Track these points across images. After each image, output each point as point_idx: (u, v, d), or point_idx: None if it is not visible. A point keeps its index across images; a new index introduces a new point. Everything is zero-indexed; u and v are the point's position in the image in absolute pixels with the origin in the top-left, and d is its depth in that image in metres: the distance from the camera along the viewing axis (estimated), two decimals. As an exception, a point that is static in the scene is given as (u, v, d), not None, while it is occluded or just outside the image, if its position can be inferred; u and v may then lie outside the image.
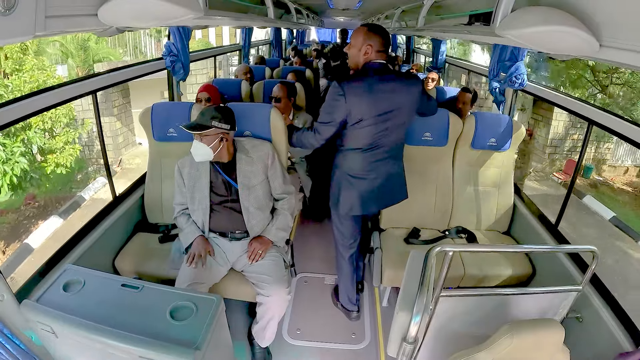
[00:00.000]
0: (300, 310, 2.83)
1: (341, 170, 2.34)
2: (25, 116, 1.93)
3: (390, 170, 2.35)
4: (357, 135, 2.20)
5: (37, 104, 2.00)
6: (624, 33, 1.13)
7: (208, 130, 2.10)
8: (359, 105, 2.10)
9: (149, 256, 2.52)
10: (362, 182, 2.31)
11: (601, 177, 13.79)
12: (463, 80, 12.38)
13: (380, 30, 2.14)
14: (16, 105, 1.87)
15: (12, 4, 0.85)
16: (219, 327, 1.56)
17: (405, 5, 4.68)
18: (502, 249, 1.90)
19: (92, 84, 2.46)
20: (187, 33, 3.29)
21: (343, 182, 2.34)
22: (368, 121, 2.14)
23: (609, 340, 1.89)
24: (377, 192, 2.36)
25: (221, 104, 2.26)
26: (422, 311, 1.53)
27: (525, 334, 1.32)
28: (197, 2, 1.57)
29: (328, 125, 2.20)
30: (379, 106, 2.13)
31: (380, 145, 2.24)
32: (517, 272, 2.60)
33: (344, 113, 2.12)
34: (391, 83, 2.14)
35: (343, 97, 2.08)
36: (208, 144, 2.12)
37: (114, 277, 1.70)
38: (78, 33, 11.81)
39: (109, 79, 2.61)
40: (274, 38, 7.94)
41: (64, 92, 2.23)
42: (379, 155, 2.27)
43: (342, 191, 2.35)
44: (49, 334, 1.48)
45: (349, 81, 2.11)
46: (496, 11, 1.57)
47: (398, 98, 2.16)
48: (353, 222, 2.52)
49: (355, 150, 2.26)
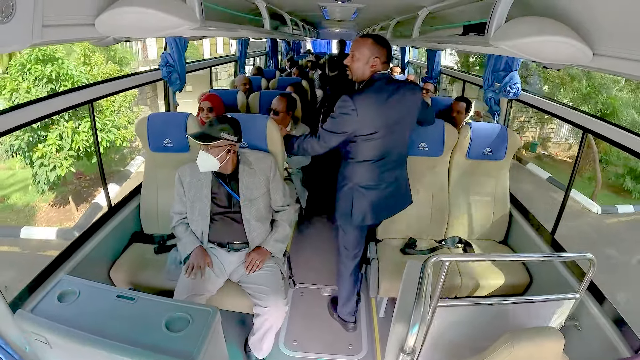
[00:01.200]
0: (297, 322, 2.82)
1: (352, 182, 2.32)
2: (23, 124, 1.94)
3: (398, 177, 2.38)
4: (368, 147, 2.20)
5: (32, 113, 2.00)
6: (617, 42, 1.14)
7: (217, 141, 2.08)
8: (371, 119, 2.11)
9: (145, 267, 2.50)
10: (374, 192, 2.32)
11: (546, 152, 16.90)
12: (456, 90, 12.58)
13: (385, 41, 2.15)
14: (13, 113, 1.87)
15: (9, 12, 0.85)
16: (215, 338, 1.55)
17: (401, 17, 4.72)
18: (498, 258, 1.90)
19: (89, 94, 2.46)
20: (184, 44, 3.30)
21: (355, 193, 2.33)
22: (380, 132, 2.15)
23: (608, 347, 1.89)
24: (388, 200, 2.38)
25: (226, 114, 2.25)
26: (419, 321, 1.52)
27: (524, 343, 1.31)
28: (194, 13, 1.58)
29: (334, 135, 2.19)
30: (390, 117, 2.15)
31: (389, 154, 2.26)
32: (514, 281, 2.60)
33: (355, 127, 2.13)
34: (397, 92, 2.16)
35: (355, 112, 2.08)
36: (215, 155, 2.11)
37: (109, 288, 1.68)
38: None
39: (105, 89, 2.61)
40: (270, 49, 7.97)
41: (61, 100, 2.24)
42: (388, 164, 2.29)
43: (354, 202, 2.34)
44: (43, 345, 1.46)
45: (359, 94, 2.10)
46: (490, 22, 1.58)
47: (404, 106, 2.19)
48: (360, 232, 2.52)
49: (366, 162, 2.26)
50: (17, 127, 1.91)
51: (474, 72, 12.18)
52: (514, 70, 3.14)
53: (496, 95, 3.37)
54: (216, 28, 2.29)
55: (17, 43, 0.96)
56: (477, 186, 2.97)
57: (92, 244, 2.42)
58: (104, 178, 2.81)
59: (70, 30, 1.21)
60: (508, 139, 2.85)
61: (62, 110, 2.26)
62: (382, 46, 2.12)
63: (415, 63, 8.85)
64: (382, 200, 2.35)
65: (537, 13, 1.43)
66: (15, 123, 1.89)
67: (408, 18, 4.39)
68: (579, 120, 2.50)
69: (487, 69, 3.44)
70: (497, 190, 2.97)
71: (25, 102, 2.02)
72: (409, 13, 4.12)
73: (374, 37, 2.14)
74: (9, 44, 0.93)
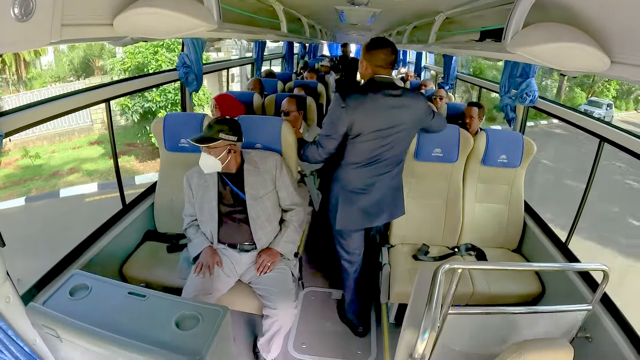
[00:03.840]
0: (306, 325, 2.81)
1: (340, 184, 2.35)
2: (38, 121, 1.97)
3: (389, 185, 2.36)
4: (356, 149, 2.22)
5: (48, 110, 2.04)
6: (636, 49, 1.12)
7: (216, 142, 2.11)
8: (358, 118, 2.13)
9: (157, 265, 2.53)
10: (361, 197, 2.32)
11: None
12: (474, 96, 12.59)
13: (381, 45, 2.16)
14: (29, 111, 1.91)
15: (29, 10, 0.87)
16: (224, 338, 1.55)
17: (417, 21, 4.71)
18: (511, 267, 1.88)
19: (105, 93, 2.50)
20: (201, 45, 3.33)
21: (341, 196, 2.35)
22: (368, 135, 2.17)
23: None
24: (375, 208, 2.37)
25: (227, 117, 2.28)
26: (429, 328, 1.51)
27: (533, 354, 1.30)
28: (211, 15, 1.60)
29: (329, 139, 2.22)
30: (380, 121, 2.15)
31: (380, 160, 2.26)
32: (526, 290, 2.57)
33: (345, 125, 2.15)
34: (394, 99, 2.15)
35: (344, 109, 2.11)
36: (216, 156, 2.14)
37: (121, 284, 1.70)
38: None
39: (121, 89, 2.64)
40: (286, 52, 8.01)
41: (81, 98, 2.28)
42: (378, 170, 2.29)
43: (339, 206, 2.35)
44: (53, 338, 1.48)
45: (350, 94, 2.14)
46: (507, 28, 1.57)
47: (400, 114, 2.18)
48: (356, 236, 2.52)
49: (354, 164, 2.27)
50: (38, 122, 1.95)
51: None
52: (530, 77, 3.10)
53: (513, 102, 3.34)
54: (233, 30, 2.31)
55: (36, 41, 0.98)
56: (491, 193, 2.94)
57: (106, 240, 2.45)
58: (119, 176, 2.84)
59: (89, 30, 1.23)
60: (524, 146, 2.81)
61: (81, 107, 2.30)
62: (376, 49, 2.15)
63: (431, 68, 8.81)
64: (369, 206, 2.35)
65: (554, 20, 1.42)
66: (36, 119, 1.93)
67: (425, 23, 4.38)
68: (595, 128, 2.46)
69: (503, 75, 3.41)
70: (512, 198, 2.93)
71: (46, 99, 2.06)
72: (426, 18, 4.10)
73: (371, 41, 2.18)
74: (28, 42, 0.95)
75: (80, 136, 15.81)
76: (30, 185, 12.81)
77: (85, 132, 16.00)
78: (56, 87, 16.49)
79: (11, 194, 12.19)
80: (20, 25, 0.87)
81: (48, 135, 14.98)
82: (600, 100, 22.29)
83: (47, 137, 14.98)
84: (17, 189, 12.49)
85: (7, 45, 0.91)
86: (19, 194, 12.10)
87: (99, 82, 4.50)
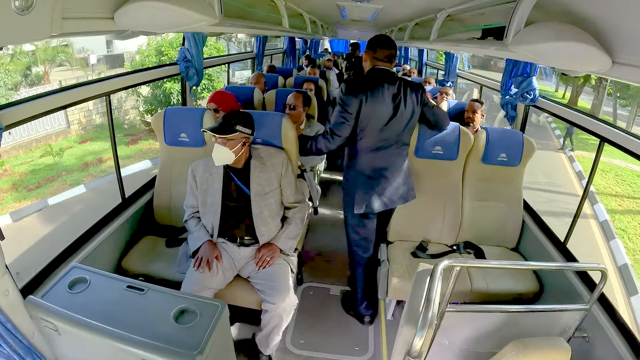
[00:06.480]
0: (305, 321, 2.82)
1: (355, 171, 2.46)
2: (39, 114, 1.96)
3: (401, 168, 2.49)
4: (367, 133, 2.35)
5: (48, 104, 2.02)
6: (638, 51, 1.12)
7: (233, 134, 2.11)
8: (366, 103, 2.29)
9: (156, 259, 2.52)
10: (375, 181, 2.44)
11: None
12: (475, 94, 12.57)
13: (382, 42, 2.34)
14: (29, 104, 1.90)
15: (29, 4, 0.87)
16: (222, 332, 1.56)
17: (419, 18, 4.70)
18: (509, 266, 1.88)
19: (106, 86, 2.49)
20: (202, 39, 3.32)
21: (358, 181, 2.46)
22: (376, 119, 2.32)
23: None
24: (390, 191, 2.48)
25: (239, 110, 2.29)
26: (427, 325, 1.51)
27: (531, 353, 1.30)
28: (212, 9, 1.59)
29: (343, 125, 2.35)
30: (385, 105, 2.31)
31: (390, 143, 2.39)
32: (524, 288, 2.58)
33: (355, 109, 2.30)
34: (394, 85, 2.32)
35: (352, 95, 2.29)
36: (231, 148, 2.13)
37: (120, 278, 1.70)
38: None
39: (121, 82, 2.63)
40: (288, 47, 7.99)
41: (81, 91, 2.27)
42: (389, 152, 2.42)
43: (357, 191, 2.46)
44: (52, 332, 1.48)
45: (356, 82, 2.32)
46: (509, 26, 1.57)
47: (402, 98, 2.33)
48: (370, 222, 2.60)
49: (367, 149, 2.40)
50: (38, 116, 1.94)
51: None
52: (532, 76, 3.10)
53: (513, 101, 3.33)
54: (235, 24, 2.30)
55: (37, 34, 0.98)
56: (491, 192, 2.94)
57: (105, 234, 2.45)
58: (119, 169, 2.83)
59: (90, 23, 1.23)
60: (524, 145, 2.81)
61: (81, 100, 2.29)
62: (376, 46, 2.34)
63: (432, 65, 8.79)
64: (384, 189, 2.46)
65: (556, 19, 1.41)
66: (36, 111, 1.92)
67: (426, 20, 4.37)
68: (595, 128, 2.45)
69: (504, 74, 3.41)
70: (511, 196, 2.94)
71: (47, 92, 2.05)
72: (427, 15, 4.10)
73: (371, 39, 2.39)
74: (28, 35, 0.95)
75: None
76: (65, 178, 12.90)
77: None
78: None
79: (57, 188, 12.17)
80: (20, 18, 0.87)
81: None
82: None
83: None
84: (57, 182, 12.59)
85: (8, 38, 0.91)
86: (62, 189, 12.03)
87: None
